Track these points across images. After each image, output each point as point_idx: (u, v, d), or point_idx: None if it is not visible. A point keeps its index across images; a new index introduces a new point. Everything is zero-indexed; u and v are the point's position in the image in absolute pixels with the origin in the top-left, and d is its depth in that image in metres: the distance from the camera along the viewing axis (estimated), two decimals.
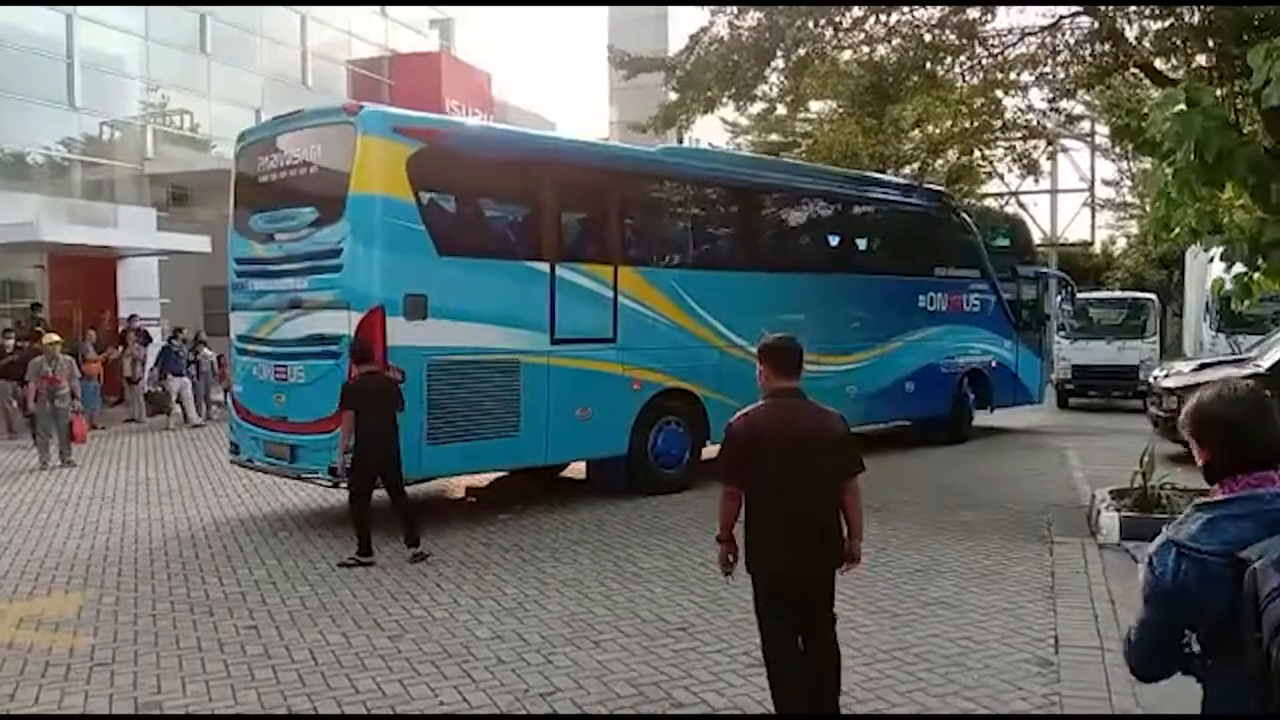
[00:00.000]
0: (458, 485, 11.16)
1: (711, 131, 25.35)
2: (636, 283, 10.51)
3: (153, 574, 7.57)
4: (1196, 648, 2.37)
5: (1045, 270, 18.85)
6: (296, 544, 8.46)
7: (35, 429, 13.49)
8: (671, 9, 46.79)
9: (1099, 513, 8.77)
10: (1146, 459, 8.94)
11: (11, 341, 16.16)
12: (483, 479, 11.27)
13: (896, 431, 14.71)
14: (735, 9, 12.51)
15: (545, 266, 9.72)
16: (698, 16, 13.10)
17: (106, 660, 5.66)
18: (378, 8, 31.25)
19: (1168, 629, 2.38)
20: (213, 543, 8.55)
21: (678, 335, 10.87)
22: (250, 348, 9.68)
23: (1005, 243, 16.78)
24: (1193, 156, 6.11)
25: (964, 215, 15.60)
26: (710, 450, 10.91)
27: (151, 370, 18.35)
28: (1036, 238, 24.12)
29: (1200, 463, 2.47)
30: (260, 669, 5.50)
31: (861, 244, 14.28)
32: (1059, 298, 19.19)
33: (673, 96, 14.24)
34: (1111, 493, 9.23)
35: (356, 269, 8.69)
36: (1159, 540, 2.39)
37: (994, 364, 15.66)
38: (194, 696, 5.15)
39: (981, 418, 15.80)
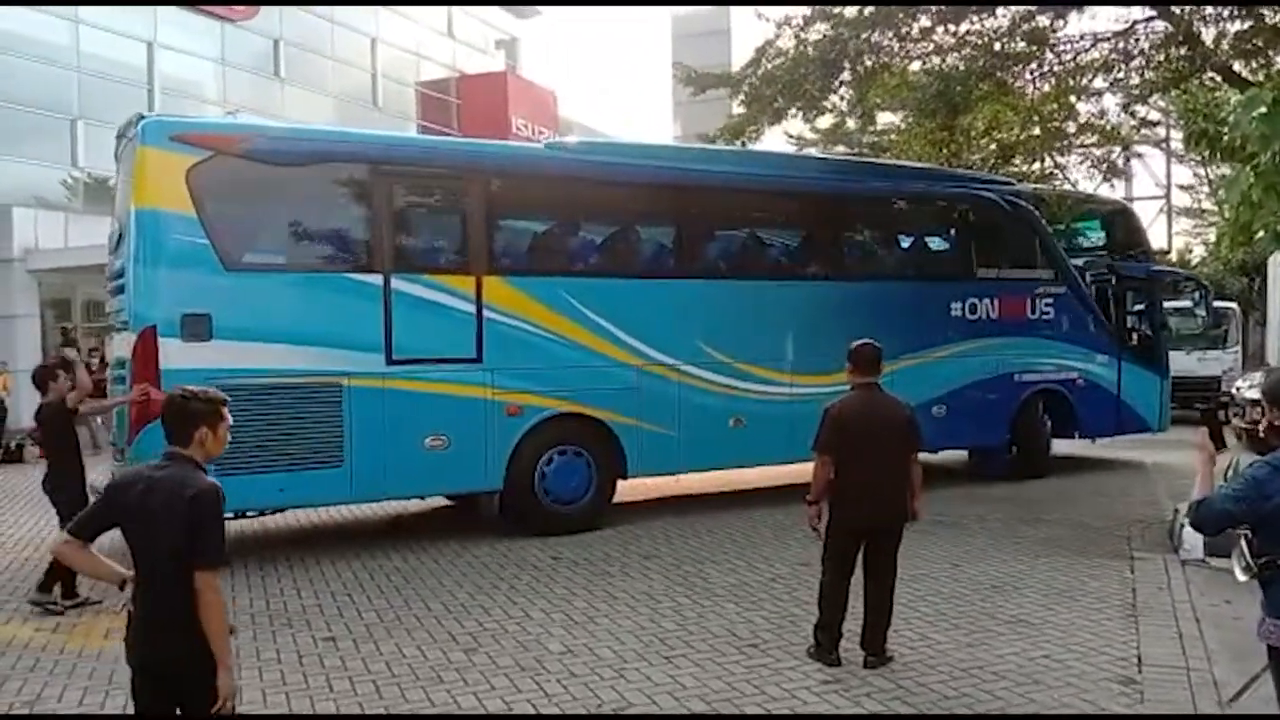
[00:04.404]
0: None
1: (776, 145, 25.28)
2: (509, 295, 9.23)
3: (233, 586, 7.73)
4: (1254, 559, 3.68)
5: (1162, 269, 15.73)
6: (371, 556, 8.60)
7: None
8: (735, 24, 46.93)
9: (1182, 527, 8.53)
10: (1230, 472, 8.67)
11: (97, 360, 16.67)
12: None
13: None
14: (801, 20, 12.47)
15: (376, 279, 8.69)
16: (762, 29, 13.01)
17: None
18: (444, 29, 31.81)
19: (1241, 521, 3.67)
20: (290, 555, 8.71)
21: (573, 353, 9.51)
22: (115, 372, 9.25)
23: (1099, 236, 14.36)
24: (1278, 159, 5.95)
25: (1024, 205, 12.84)
26: (626, 485, 10.14)
27: None
28: None
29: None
30: (338, 680, 5.60)
31: (852, 244, 12.15)
32: (1192, 304, 16.51)
33: (737, 110, 14.20)
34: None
35: (136, 288, 8.13)
36: (1264, 469, 3.59)
37: (1080, 382, 12.94)
38: (274, 707, 5.26)
39: (1068, 445, 13.70)
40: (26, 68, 20.03)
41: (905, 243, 12.68)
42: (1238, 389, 15.55)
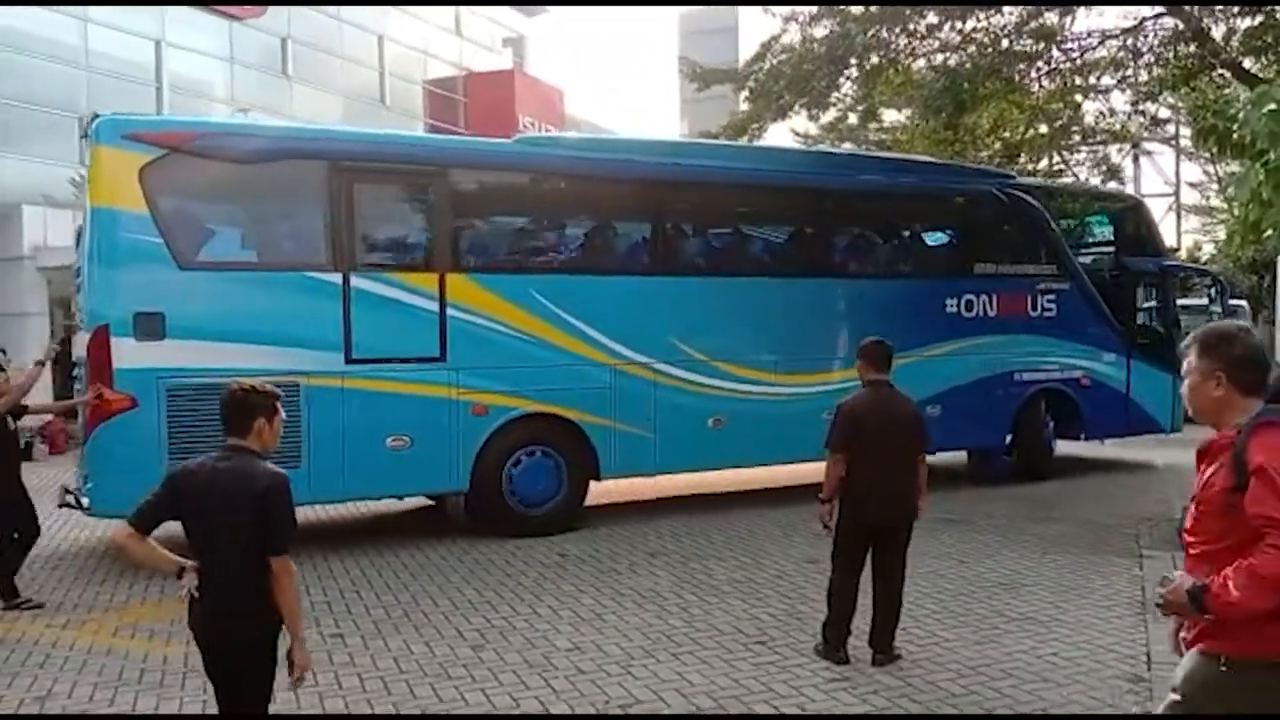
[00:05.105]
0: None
1: (783, 141, 25.28)
2: (474, 293, 9.03)
3: None
4: None
5: (1174, 264, 15.29)
6: (379, 552, 8.61)
7: None
8: (742, 22, 46.91)
9: None
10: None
11: None
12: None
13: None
14: (807, 16, 12.44)
15: (335, 277, 8.52)
16: (768, 27, 12.98)
17: (199, 668, 5.75)
18: (452, 27, 31.85)
19: None
20: (296, 552, 8.69)
21: (542, 352, 9.28)
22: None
23: (1107, 231, 13.85)
24: None
25: (1025, 198, 12.37)
26: (600, 486, 9.94)
27: None
28: None
29: None
30: (346, 677, 5.61)
31: (838, 239, 11.62)
32: (1208, 301, 15.64)
33: (744, 106, 14.17)
34: None
35: (90, 287, 8.12)
36: None
37: (1085, 382, 12.52)
38: (282, 703, 5.22)
39: (1081, 446, 13.40)
40: (36, 66, 20.11)
41: (897, 238, 12.34)
42: None
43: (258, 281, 8.47)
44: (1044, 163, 19.34)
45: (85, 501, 8.10)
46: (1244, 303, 23.39)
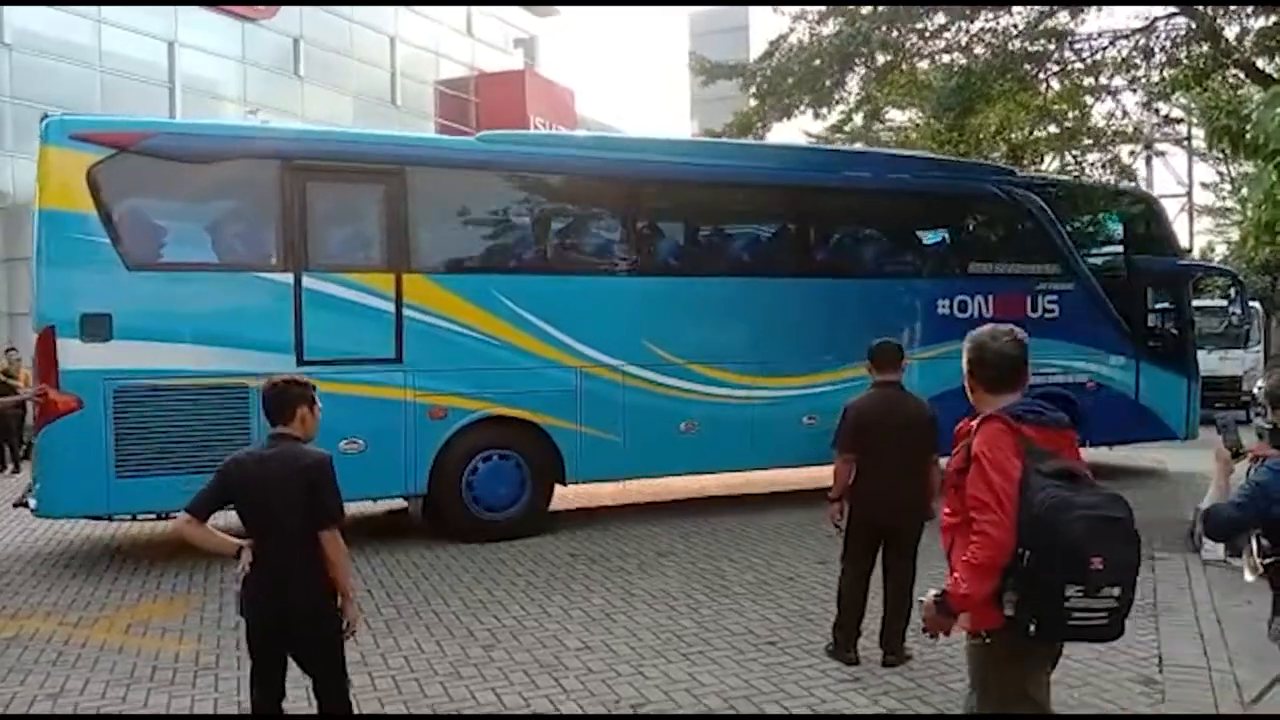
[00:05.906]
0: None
1: (794, 141, 25.23)
2: (432, 293, 8.91)
3: None
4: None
5: (1190, 264, 14.90)
6: (390, 552, 8.64)
7: None
8: (753, 22, 46.87)
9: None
10: (1251, 471, 8.59)
11: None
12: None
13: None
14: (816, 15, 12.41)
15: (285, 277, 8.42)
16: (778, 26, 12.98)
17: (210, 665, 5.84)
18: (463, 28, 31.91)
19: (1248, 525, 3.89)
20: None
21: (503, 353, 9.14)
22: None
23: (1116, 229, 13.34)
24: None
25: (1027, 196, 12.01)
26: (565, 491, 9.88)
27: None
28: None
29: None
30: (357, 675, 5.58)
31: (819, 238, 11.32)
32: (1227, 302, 15.31)
33: (752, 104, 14.13)
34: None
35: (39, 289, 8.08)
36: (1267, 474, 3.81)
37: (1090, 386, 12.11)
38: (294, 701, 5.25)
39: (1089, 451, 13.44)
40: (49, 67, 20.21)
41: (882, 236, 11.94)
42: (1260, 388, 15.36)
43: (207, 282, 8.43)
44: (1055, 164, 19.24)
45: (33, 503, 8.09)
46: (1257, 304, 23.26)
